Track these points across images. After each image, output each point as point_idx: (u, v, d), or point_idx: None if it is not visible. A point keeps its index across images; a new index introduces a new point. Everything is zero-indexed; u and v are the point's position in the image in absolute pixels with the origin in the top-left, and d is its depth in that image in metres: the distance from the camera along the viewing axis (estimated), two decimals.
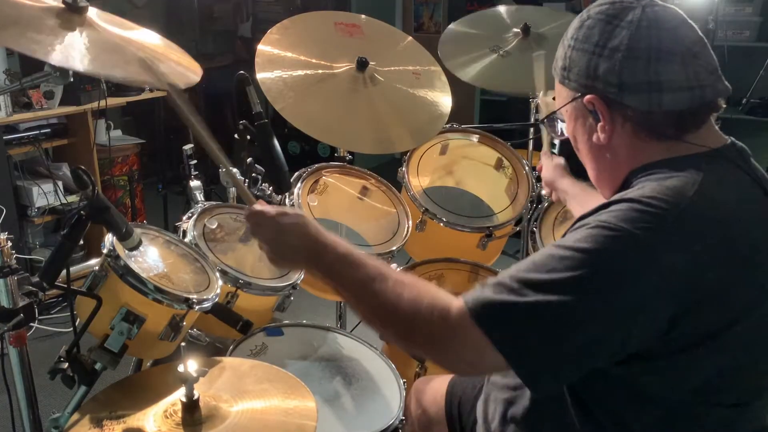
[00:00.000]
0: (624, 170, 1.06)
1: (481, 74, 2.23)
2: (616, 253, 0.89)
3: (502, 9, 2.45)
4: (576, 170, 1.54)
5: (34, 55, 1.09)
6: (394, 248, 1.90)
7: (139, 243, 1.31)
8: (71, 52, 1.14)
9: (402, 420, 1.46)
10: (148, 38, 1.39)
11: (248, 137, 1.72)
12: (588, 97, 1.03)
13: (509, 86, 2.40)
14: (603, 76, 1.01)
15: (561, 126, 1.19)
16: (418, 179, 2.13)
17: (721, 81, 1.01)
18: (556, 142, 2.15)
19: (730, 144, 1.04)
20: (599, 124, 1.05)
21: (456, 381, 1.45)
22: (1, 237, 1.18)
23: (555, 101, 1.16)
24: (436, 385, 1.47)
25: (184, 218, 1.71)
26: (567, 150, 2.07)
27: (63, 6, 1.21)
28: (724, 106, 1.05)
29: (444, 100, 2.09)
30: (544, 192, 1.74)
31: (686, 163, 0.98)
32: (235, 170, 1.43)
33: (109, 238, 1.33)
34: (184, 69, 1.36)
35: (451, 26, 2.42)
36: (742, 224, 0.95)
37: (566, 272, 0.89)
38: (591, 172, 1.16)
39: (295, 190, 1.90)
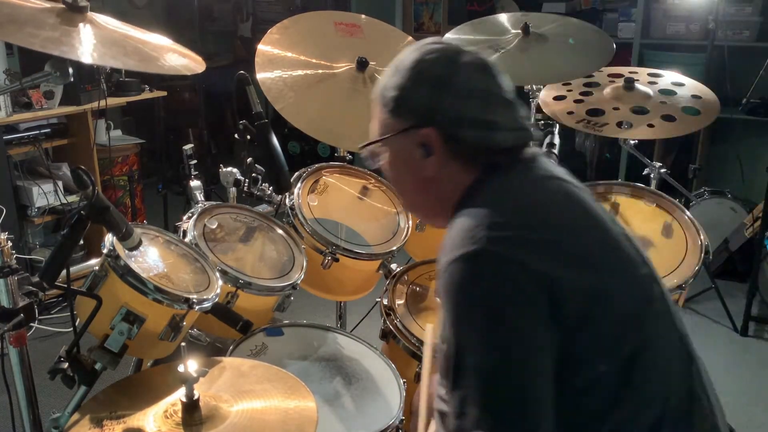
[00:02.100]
0: (451, 199, 1.09)
1: None
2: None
3: (503, 17, 2.45)
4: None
5: (33, 48, 1.08)
6: (394, 248, 1.91)
7: (139, 243, 1.31)
8: (72, 45, 1.14)
9: (402, 420, 1.46)
10: (149, 36, 1.39)
11: (248, 137, 1.72)
12: (426, 129, 1.06)
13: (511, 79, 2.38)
14: (444, 110, 1.05)
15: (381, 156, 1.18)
16: None
17: (531, 127, 1.12)
18: (556, 141, 2.15)
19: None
20: (430, 158, 1.08)
21: None
22: (1, 237, 1.18)
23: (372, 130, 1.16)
24: None
25: (184, 218, 1.71)
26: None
27: (63, 6, 1.21)
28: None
29: None
30: None
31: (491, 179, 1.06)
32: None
33: (109, 238, 1.33)
34: (188, 60, 1.37)
35: (448, 35, 2.39)
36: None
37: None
38: (420, 207, 1.21)
39: (295, 190, 1.90)
